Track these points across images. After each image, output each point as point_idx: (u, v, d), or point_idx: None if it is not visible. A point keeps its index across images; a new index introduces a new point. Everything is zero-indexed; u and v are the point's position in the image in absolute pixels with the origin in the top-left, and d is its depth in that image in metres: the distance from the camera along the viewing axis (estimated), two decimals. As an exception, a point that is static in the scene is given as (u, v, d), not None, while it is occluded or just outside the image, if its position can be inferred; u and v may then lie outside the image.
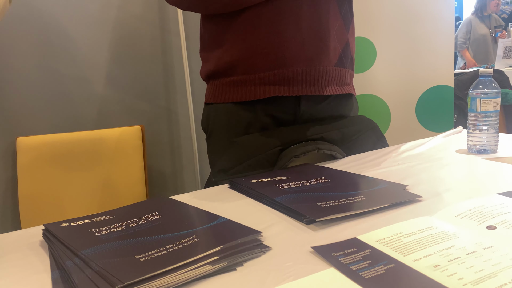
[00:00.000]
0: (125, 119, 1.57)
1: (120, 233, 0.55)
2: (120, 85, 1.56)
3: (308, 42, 0.91)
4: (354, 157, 0.94)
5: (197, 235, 0.52)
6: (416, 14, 1.76)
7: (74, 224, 0.59)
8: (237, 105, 0.95)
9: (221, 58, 0.95)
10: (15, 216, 1.39)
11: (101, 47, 1.51)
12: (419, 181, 0.73)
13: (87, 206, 1.32)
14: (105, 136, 1.36)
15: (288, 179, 0.76)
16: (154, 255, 0.47)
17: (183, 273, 0.44)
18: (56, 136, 1.34)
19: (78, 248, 0.49)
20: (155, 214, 0.63)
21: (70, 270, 0.46)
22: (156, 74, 1.63)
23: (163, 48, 1.63)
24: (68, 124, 1.46)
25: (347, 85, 1.01)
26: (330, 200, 0.63)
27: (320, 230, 0.55)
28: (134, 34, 1.56)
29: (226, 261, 0.46)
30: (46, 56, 1.43)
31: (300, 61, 0.91)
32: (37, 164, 1.31)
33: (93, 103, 1.51)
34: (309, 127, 0.94)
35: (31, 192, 1.30)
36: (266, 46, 0.90)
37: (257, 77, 0.91)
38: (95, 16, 1.49)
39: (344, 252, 0.47)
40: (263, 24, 0.89)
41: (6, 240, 0.61)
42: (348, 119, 1.00)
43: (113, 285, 0.41)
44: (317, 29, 0.91)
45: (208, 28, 0.98)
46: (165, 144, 1.70)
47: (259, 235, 0.52)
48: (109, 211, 0.66)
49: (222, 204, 0.70)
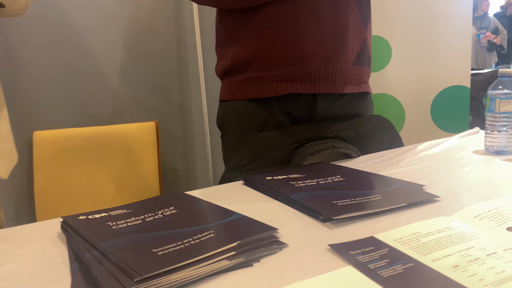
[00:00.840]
0: (140, 115, 1.58)
1: (137, 226, 0.56)
2: (135, 81, 1.57)
3: (327, 39, 0.90)
4: (369, 156, 0.94)
5: (213, 230, 0.52)
6: (433, 12, 1.74)
7: (92, 217, 0.60)
8: (253, 102, 0.95)
9: (237, 54, 0.95)
10: (30, 209, 1.41)
11: (117, 44, 1.52)
12: (436, 181, 0.72)
13: (101, 200, 1.34)
14: (120, 132, 1.37)
15: (303, 177, 0.76)
16: (171, 249, 0.47)
17: (200, 267, 0.44)
18: (72, 131, 1.36)
19: (96, 241, 0.50)
20: (171, 208, 0.63)
21: (89, 262, 0.46)
22: (170, 70, 1.64)
23: (178, 45, 1.63)
24: (84, 119, 1.48)
25: (364, 83, 1.01)
26: (346, 198, 0.62)
27: (336, 228, 0.55)
28: (149, 31, 1.57)
29: (243, 257, 0.46)
30: (63, 52, 1.45)
31: (318, 59, 0.90)
32: (53, 158, 1.32)
33: (108, 99, 1.52)
34: (324, 125, 0.93)
35: (47, 186, 1.31)
36: (284, 43, 0.90)
37: (274, 74, 0.91)
38: (111, 13, 1.50)
39: (362, 251, 0.47)
40: (281, 20, 0.89)
41: (24, 232, 0.62)
42: (364, 118, 0.99)
43: (131, 278, 0.41)
44: (336, 26, 0.91)
45: (225, 24, 0.98)
46: (178, 140, 1.71)
47: (275, 232, 0.52)
48: (125, 205, 0.66)
49: (237, 200, 0.70)
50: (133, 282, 0.40)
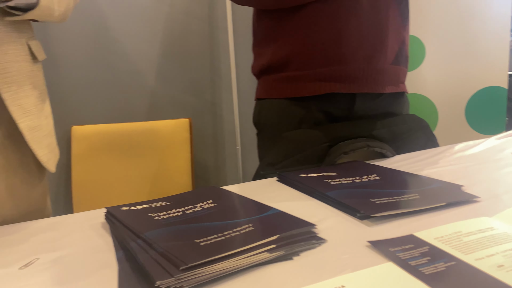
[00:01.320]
0: (173, 112, 1.61)
1: (178, 218, 0.57)
2: (169, 79, 1.60)
3: (367, 39, 0.90)
4: (404, 156, 0.93)
5: (252, 224, 0.53)
6: (469, 11, 1.70)
7: (134, 208, 0.62)
8: (291, 101, 0.96)
9: (276, 53, 0.95)
10: (67, 201, 1.46)
11: (153, 42, 1.56)
12: (475, 182, 0.71)
13: (135, 194, 1.37)
14: (155, 128, 1.40)
15: (338, 175, 0.76)
16: (213, 240, 0.48)
17: (242, 259, 0.45)
18: (109, 126, 1.40)
19: (141, 231, 0.52)
20: (210, 202, 0.65)
21: (134, 251, 0.48)
22: (203, 68, 1.66)
23: (211, 44, 1.66)
24: (120, 115, 1.52)
25: (401, 83, 1.00)
26: (384, 197, 0.62)
27: (374, 225, 0.55)
28: (184, 30, 1.60)
29: (283, 250, 0.47)
30: (101, 50, 1.49)
31: (358, 59, 0.90)
32: (90, 152, 1.37)
33: (143, 96, 1.56)
34: (359, 124, 0.93)
35: (83, 179, 1.36)
36: (324, 43, 0.90)
37: (313, 73, 0.91)
38: (147, 12, 1.54)
39: (402, 248, 0.47)
40: (322, 20, 0.89)
41: (69, 221, 0.65)
42: (399, 117, 0.98)
43: (177, 266, 0.42)
44: (376, 26, 0.91)
45: (263, 23, 0.99)
46: (209, 137, 1.73)
47: (314, 227, 0.53)
48: (165, 198, 0.68)
49: (272, 196, 0.71)
50: (179, 270, 0.42)
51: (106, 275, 0.46)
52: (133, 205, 0.64)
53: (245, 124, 1.76)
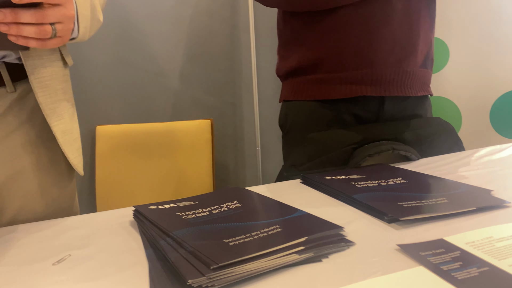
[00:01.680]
0: (195, 112, 1.62)
1: (205, 218, 0.58)
2: (192, 80, 1.61)
3: (399, 43, 0.90)
4: (429, 159, 0.92)
5: (279, 225, 0.54)
6: (495, 12, 1.67)
7: (161, 207, 0.63)
8: (319, 103, 0.95)
9: (305, 55, 0.95)
10: (91, 200, 1.49)
11: (176, 43, 1.57)
12: (504, 187, 0.70)
13: (158, 193, 1.39)
14: (177, 128, 1.41)
15: (363, 177, 0.76)
16: (241, 240, 0.49)
17: (271, 260, 0.45)
18: (132, 126, 1.42)
19: (170, 229, 0.53)
20: (235, 202, 0.65)
21: (164, 249, 0.49)
22: (225, 70, 1.67)
23: (232, 45, 1.66)
24: (144, 115, 1.54)
25: (428, 86, 0.99)
26: (411, 200, 0.62)
27: (402, 229, 0.55)
28: (206, 31, 1.61)
29: (312, 252, 0.47)
30: (125, 51, 1.51)
31: (389, 62, 0.90)
32: (114, 152, 1.39)
33: (166, 96, 1.57)
34: (383, 127, 0.92)
35: (107, 178, 1.38)
36: (356, 46, 0.90)
37: (343, 76, 0.91)
38: (170, 13, 1.55)
39: (432, 252, 0.46)
40: (355, 23, 0.89)
41: (98, 219, 0.66)
42: (424, 120, 0.97)
43: (208, 266, 0.43)
44: (408, 30, 0.91)
45: (291, 25, 0.99)
46: (229, 138, 1.74)
47: (342, 230, 0.53)
48: (191, 197, 0.69)
49: (296, 198, 0.71)
50: (210, 269, 0.42)
51: (137, 272, 0.47)
52: (160, 204, 0.65)
53: (265, 126, 1.76)
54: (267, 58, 1.71)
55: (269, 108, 1.76)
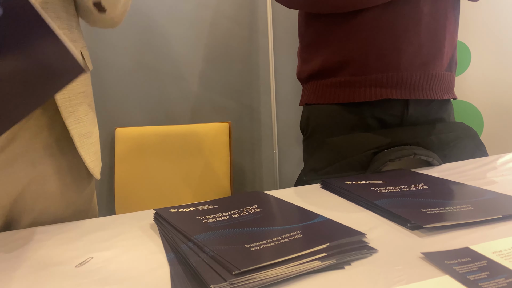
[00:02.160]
0: (213, 115, 1.63)
1: (225, 222, 0.58)
2: (210, 83, 1.62)
3: (425, 46, 0.89)
4: (451, 164, 0.90)
5: (300, 231, 0.53)
6: (518, 15, 1.63)
7: (182, 210, 0.63)
8: (342, 107, 0.94)
9: (329, 58, 0.94)
10: (110, 201, 1.51)
11: (194, 46, 1.58)
12: (531, 194, 0.68)
13: (176, 196, 1.40)
14: (196, 131, 1.42)
15: (384, 183, 0.75)
16: (263, 246, 0.48)
17: (294, 266, 0.45)
18: (151, 129, 1.43)
19: (191, 233, 0.53)
20: (255, 207, 0.65)
21: (186, 253, 0.49)
22: (242, 73, 1.67)
23: (251, 48, 1.67)
24: (162, 118, 1.56)
25: (452, 89, 0.98)
26: (435, 207, 0.60)
27: (426, 237, 0.54)
28: (225, 34, 1.62)
29: (334, 259, 0.47)
30: (144, 54, 1.53)
31: (415, 65, 0.89)
32: (133, 154, 1.40)
33: (185, 99, 1.59)
34: (404, 131, 0.91)
35: (126, 180, 1.40)
36: (382, 48, 0.89)
37: (368, 79, 0.90)
38: (189, 17, 1.56)
39: (458, 261, 0.45)
40: (381, 26, 0.88)
41: (119, 221, 0.67)
42: (446, 125, 0.95)
43: (230, 271, 0.43)
44: (434, 33, 0.89)
45: (313, 28, 0.98)
46: (246, 141, 1.74)
47: (364, 237, 0.52)
48: (210, 201, 0.69)
49: (316, 202, 0.70)
50: (232, 275, 0.42)
51: (158, 276, 0.47)
52: (180, 207, 0.65)
53: (283, 129, 1.76)
54: (285, 61, 1.71)
55: (287, 111, 1.75)
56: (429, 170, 0.86)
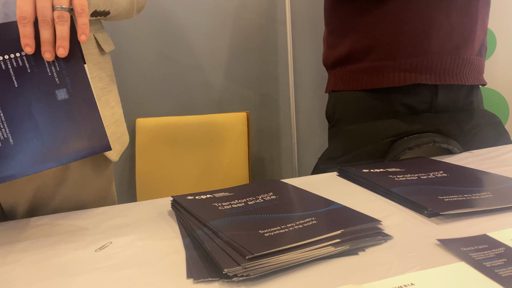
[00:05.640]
0: (232, 105, 1.64)
1: (241, 209, 0.58)
2: (229, 73, 1.63)
3: (456, 30, 0.86)
4: (473, 152, 0.88)
5: (315, 218, 0.53)
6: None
7: (198, 198, 0.64)
8: (370, 93, 0.92)
9: (357, 42, 0.92)
10: (131, 189, 1.54)
11: (213, 37, 1.59)
12: (555, 182, 0.66)
13: (195, 184, 1.41)
14: (214, 121, 1.43)
15: (402, 171, 0.74)
16: (277, 232, 0.49)
17: (307, 251, 0.45)
18: (171, 119, 1.45)
19: (206, 219, 0.53)
20: (271, 194, 0.65)
21: (201, 239, 0.49)
22: (261, 62, 1.67)
23: (269, 38, 1.66)
24: (182, 108, 1.57)
25: (482, 75, 0.94)
26: (453, 194, 0.59)
27: (443, 224, 0.53)
28: (243, 24, 1.61)
29: (348, 245, 0.47)
30: (164, 45, 1.54)
31: (445, 49, 0.87)
32: (153, 144, 1.43)
33: (204, 89, 1.60)
34: (424, 119, 0.89)
35: (146, 169, 1.42)
36: (412, 32, 0.86)
37: (397, 64, 0.88)
38: (208, 7, 1.56)
39: (475, 248, 0.45)
40: (411, 9, 0.85)
41: (137, 208, 0.68)
42: (469, 112, 0.93)
43: (243, 255, 0.43)
44: (467, 16, 0.86)
45: (340, 12, 0.95)
46: (265, 131, 1.74)
47: (379, 224, 0.52)
48: (227, 189, 0.70)
49: (333, 190, 0.70)
50: (245, 259, 0.43)
51: (174, 260, 0.48)
52: (197, 195, 0.66)
53: (301, 118, 1.75)
54: (304, 50, 1.70)
55: (306, 101, 1.74)
56: (450, 158, 0.85)
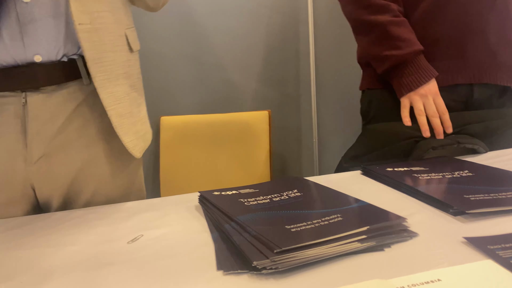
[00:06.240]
0: (254, 104, 1.65)
1: (266, 205, 0.60)
2: (251, 72, 1.64)
3: (493, 33, 0.88)
4: (498, 152, 0.87)
5: (340, 214, 0.54)
6: None
7: (224, 193, 0.66)
8: None
9: None
10: (155, 185, 1.57)
11: (235, 36, 1.61)
12: None
13: (217, 181, 1.44)
14: (237, 119, 1.45)
15: (427, 170, 0.74)
16: (303, 227, 0.50)
17: (333, 247, 0.46)
18: (195, 117, 1.48)
19: (234, 214, 0.55)
20: (295, 191, 0.66)
21: (229, 232, 0.51)
22: (283, 61, 1.68)
23: (291, 37, 1.67)
24: (205, 107, 1.60)
25: None
26: (479, 193, 0.59)
27: (469, 222, 0.53)
28: (265, 23, 1.63)
29: (374, 241, 0.48)
30: (188, 44, 1.57)
31: (483, 51, 0.89)
32: (177, 141, 1.45)
33: (226, 88, 1.62)
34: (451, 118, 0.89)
35: (170, 166, 1.45)
36: (448, 36, 0.88)
37: (434, 66, 0.89)
38: (230, 6, 1.58)
39: (502, 246, 0.45)
40: (447, 13, 0.88)
41: (166, 203, 0.70)
42: (495, 112, 0.92)
43: (271, 249, 0.45)
44: (502, 19, 0.88)
45: None
46: (286, 129, 1.75)
47: (404, 221, 0.52)
48: (251, 185, 0.71)
49: (357, 188, 0.70)
50: (273, 253, 0.44)
51: (204, 252, 0.50)
52: (223, 191, 0.67)
53: (323, 117, 1.76)
54: (325, 49, 1.70)
55: (327, 100, 1.75)
56: (474, 158, 0.84)
